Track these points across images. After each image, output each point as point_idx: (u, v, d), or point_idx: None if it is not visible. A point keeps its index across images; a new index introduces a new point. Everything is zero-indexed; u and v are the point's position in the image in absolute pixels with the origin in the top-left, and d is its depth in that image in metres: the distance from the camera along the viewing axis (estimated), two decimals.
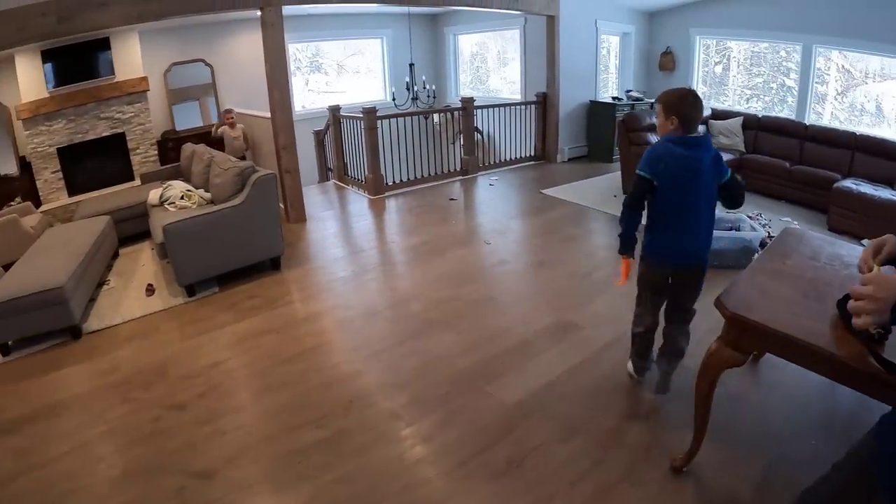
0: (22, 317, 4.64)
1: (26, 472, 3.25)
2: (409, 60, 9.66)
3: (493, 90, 12.29)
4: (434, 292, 5.01)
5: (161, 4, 6.13)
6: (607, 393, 3.37)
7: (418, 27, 12.14)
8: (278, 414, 3.48)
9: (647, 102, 9.92)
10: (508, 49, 11.77)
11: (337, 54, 12.67)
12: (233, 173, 5.68)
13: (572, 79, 9.71)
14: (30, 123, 8.77)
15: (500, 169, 9.67)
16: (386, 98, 11.66)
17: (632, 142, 7.45)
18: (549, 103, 9.73)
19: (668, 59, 10.57)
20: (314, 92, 12.38)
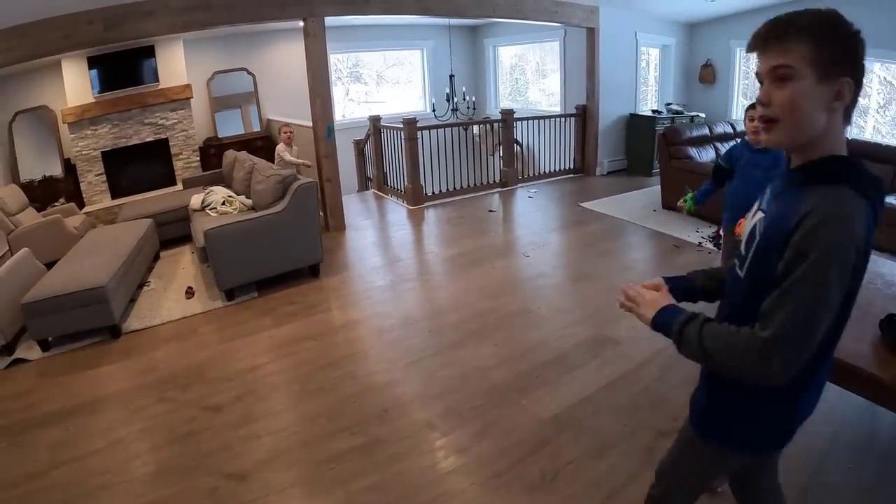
0: (63, 314, 4.76)
1: (61, 465, 3.32)
2: (449, 72, 9.71)
3: (532, 102, 12.25)
4: (472, 303, 5.00)
5: (207, 14, 6.22)
6: (643, 409, 3.33)
7: (458, 38, 12.17)
8: (314, 420, 3.49)
9: (687, 115, 9.83)
10: (547, 61, 11.75)
11: (377, 65, 12.77)
12: (274, 181, 5.74)
13: (612, 91, 9.65)
14: (75, 127, 9.00)
15: (538, 181, 9.64)
16: (426, 109, 11.70)
17: (672, 155, 7.38)
18: (589, 116, 9.67)
19: (708, 71, 10.46)
20: (354, 102, 12.48)
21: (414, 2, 7.22)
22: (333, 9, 6.78)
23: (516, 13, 8.16)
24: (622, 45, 9.71)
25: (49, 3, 5.48)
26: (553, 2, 8.41)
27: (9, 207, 7.06)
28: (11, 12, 5.44)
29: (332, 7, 6.76)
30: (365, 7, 6.97)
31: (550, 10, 8.45)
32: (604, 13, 9.14)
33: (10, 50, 5.74)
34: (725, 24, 9.95)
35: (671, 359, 3.81)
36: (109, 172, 9.40)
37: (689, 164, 7.15)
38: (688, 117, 9.78)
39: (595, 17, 9.12)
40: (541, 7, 8.32)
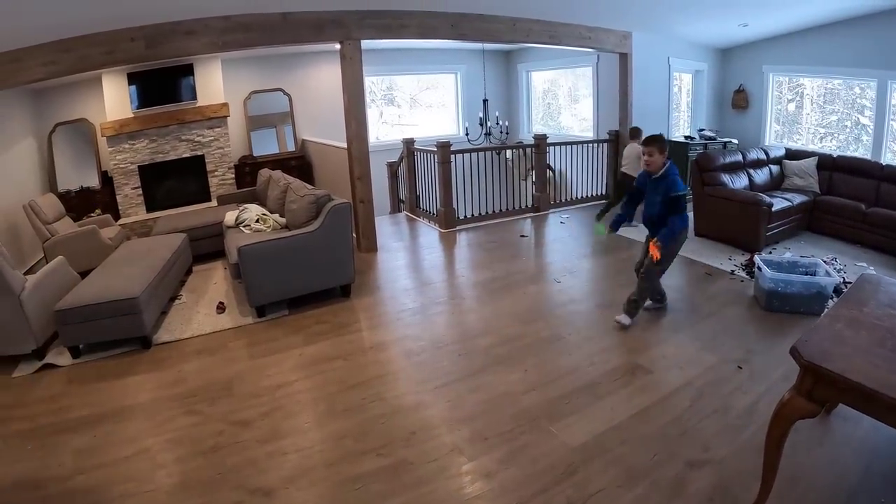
0: (95, 323, 4.84)
1: (86, 471, 3.36)
2: (482, 96, 9.77)
3: (565, 127, 12.24)
4: (502, 328, 4.97)
5: (245, 35, 6.32)
6: (672, 439, 3.27)
7: (492, 63, 12.22)
8: (340, 439, 3.48)
9: (720, 142, 9.73)
10: (580, 86, 11.76)
11: (411, 88, 12.87)
12: (308, 200, 5.78)
13: (645, 117, 9.54)
14: (113, 141, 9.18)
15: (571, 207, 9.60)
16: (458, 132, 11.75)
17: (705, 182, 7.31)
18: (622, 141, 9.59)
19: (741, 96, 10.40)
20: (388, 124, 12.59)
21: (449, 27, 7.27)
22: (370, 32, 6.87)
23: (550, 39, 8.19)
24: (655, 71, 9.69)
25: (93, 20, 5.60)
26: (586, 27, 8.43)
27: (45, 216, 7.20)
28: (56, 27, 5.56)
29: (368, 31, 6.84)
30: (401, 31, 7.05)
31: (584, 35, 8.47)
32: (636, 39, 9.15)
33: (53, 63, 5.86)
34: (758, 49, 9.92)
35: (702, 389, 3.79)
36: (145, 186, 9.56)
37: (722, 191, 7.08)
38: (721, 143, 9.69)
39: (628, 43, 9.13)
40: (574, 33, 8.35)
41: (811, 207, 7.36)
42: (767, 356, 4.18)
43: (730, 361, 4.12)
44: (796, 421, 2.42)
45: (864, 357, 2.23)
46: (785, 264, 5.20)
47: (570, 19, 8.10)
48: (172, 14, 5.92)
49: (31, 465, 3.50)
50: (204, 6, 5.90)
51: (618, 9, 7.64)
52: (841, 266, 6.14)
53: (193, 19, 6.07)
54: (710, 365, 4.10)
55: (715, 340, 4.49)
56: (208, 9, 5.99)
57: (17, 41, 5.62)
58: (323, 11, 6.52)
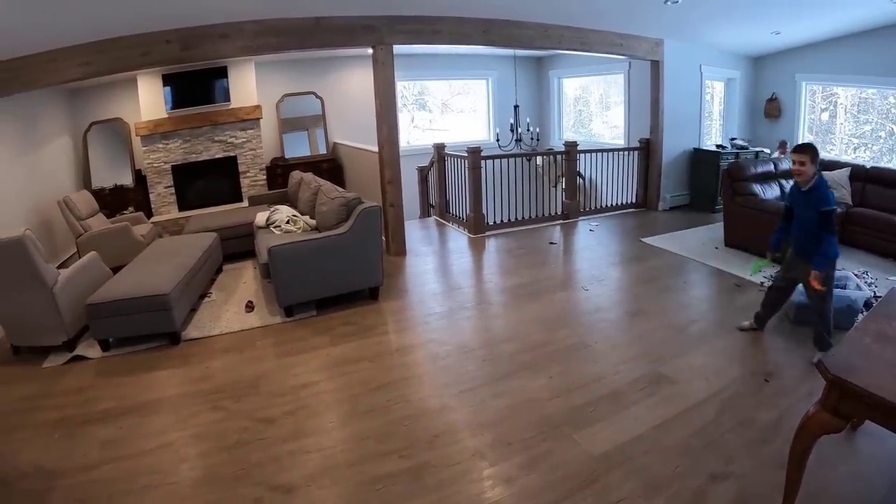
0: (125, 317, 4.94)
1: (111, 462, 3.43)
2: (513, 102, 9.76)
3: (595, 134, 12.18)
4: (528, 335, 4.96)
5: (279, 39, 6.40)
6: (695, 451, 3.24)
7: (523, 69, 12.23)
8: (363, 440, 3.50)
9: (752, 151, 9.65)
10: (611, 93, 11.70)
11: (442, 93, 12.91)
12: (339, 203, 5.84)
13: (676, 125, 9.53)
14: (147, 140, 9.36)
15: (600, 215, 9.55)
16: (489, 138, 11.78)
17: (736, 192, 7.23)
18: (652, 149, 9.57)
19: (773, 105, 10.26)
20: (419, 129, 12.63)
21: (480, 33, 7.28)
22: (402, 38, 6.91)
23: (582, 45, 8.17)
24: (686, 79, 9.61)
25: (129, 22, 5.71)
26: (618, 34, 8.40)
27: (79, 212, 7.33)
28: (93, 28, 5.68)
29: (400, 36, 6.89)
30: (432, 37, 7.08)
31: (615, 42, 8.44)
32: (668, 46, 9.08)
33: (90, 64, 5.99)
34: (791, 57, 9.79)
35: (727, 401, 3.75)
36: (178, 185, 9.72)
37: (753, 202, 6.99)
38: (752, 153, 9.59)
39: (660, 50, 9.07)
40: (606, 40, 8.32)
41: (843, 219, 7.21)
42: (795, 370, 4.13)
43: (756, 374, 4.07)
44: (821, 436, 2.40)
45: (892, 372, 2.21)
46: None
47: (602, 26, 8.08)
48: (207, 17, 6.01)
49: (56, 454, 3.58)
50: (238, 10, 5.98)
51: (650, 16, 7.59)
52: (872, 280, 6.03)
53: (228, 23, 6.17)
54: (736, 377, 4.06)
55: (742, 353, 4.44)
56: (242, 12, 6.06)
57: (55, 42, 5.75)
58: (355, 16, 6.58)
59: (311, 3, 6.13)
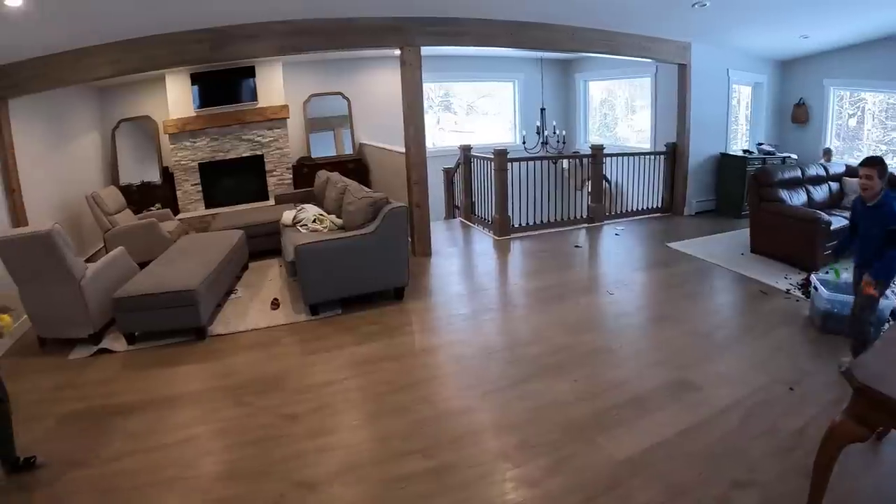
0: (152, 312, 5.02)
1: (135, 454, 3.49)
2: (539, 104, 9.72)
3: (621, 138, 12.11)
4: (552, 338, 4.94)
5: (307, 39, 6.45)
6: (718, 458, 3.21)
7: (549, 72, 12.16)
8: (387, 439, 3.52)
9: (778, 156, 9.52)
10: (637, 96, 11.65)
11: (468, 95, 12.92)
12: (366, 203, 5.86)
13: (702, 129, 9.43)
14: (175, 138, 9.47)
15: (626, 219, 9.51)
16: (515, 141, 11.73)
17: (763, 198, 7.16)
18: (679, 154, 9.49)
19: (801, 110, 10.11)
20: (444, 130, 12.64)
21: (507, 35, 7.29)
22: (429, 39, 6.94)
23: (609, 48, 8.15)
24: (714, 83, 9.51)
25: (160, 21, 5.78)
26: (645, 37, 8.36)
27: (107, 207, 7.43)
28: (125, 27, 5.76)
29: (427, 37, 6.91)
30: (459, 38, 7.11)
31: (643, 45, 8.40)
32: (696, 49, 9.01)
33: (120, 62, 6.07)
34: (819, 61, 9.66)
35: (751, 409, 3.70)
36: (205, 183, 9.81)
37: (780, 208, 6.93)
38: (779, 158, 9.47)
39: (687, 54, 9.00)
40: (633, 43, 8.29)
41: None
42: (820, 379, 4.07)
43: (781, 382, 4.02)
44: (846, 445, 2.38)
45: None
46: (842, 285, 5.06)
47: (630, 29, 8.04)
48: (237, 17, 6.07)
49: (81, 444, 3.64)
50: (268, 11, 6.03)
51: (677, 19, 7.54)
52: None
53: (257, 23, 6.22)
54: (760, 385, 4.01)
55: (767, 360, 4.40)
56: (272, 13, 6.11)
57: (85, 39, 5.83)
58: (383, 18, 6.61)
59: (339, 5, 6.16)
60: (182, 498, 3.08)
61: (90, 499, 3.13)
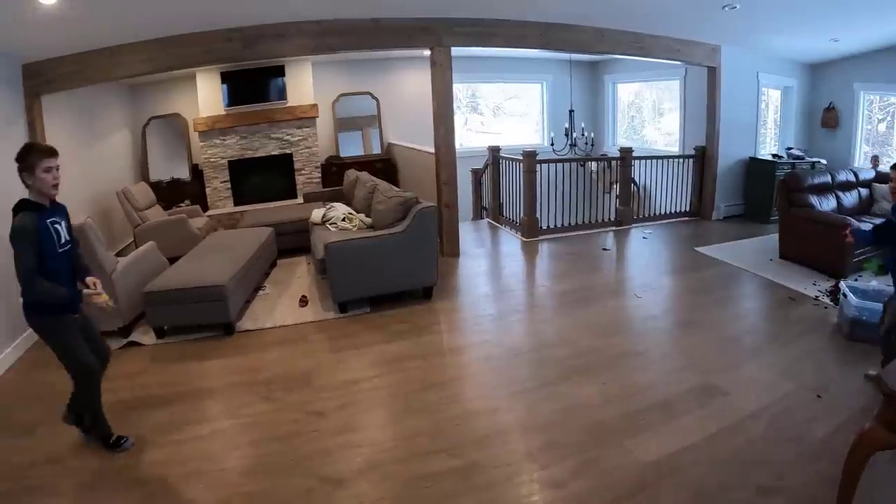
0: (181, 307, 5.09)
1: (163, 446, 3.55)
2: (567, 106, 9.69)
3: (648, 141, 12.07)
4: (579, 340, 4.94)
5: (338, 39, 6.49)
6: (744, 464, 3.18)
7: (578, 73, 12.12)
8: (414, 437, 3.54)
9: (808, 161, 9.41)
10: (665, 99, 11.60)
11: (495, 97, 12.92)
12: (396, 202, 5.90)
13: (731, 133, 9.37)
14: (205, 136, 9.61)
15: (653, 223, 9.46)
16: (542, 142, 11.76)
17: (792, 203, 7.11)
18: (708, 157, 9.42)
19: (830, 115, 9.97)
20: (472, 131, 12.65)
21: (537, 36, 7.29)
22: (459, 39, 6.96)
23: (639, 50, 8.12)
24: (743, 86, 9.43)
25: (192, 20, 5.86)
26: (675, 39, 8.31)
27: (137, 203, 7.54)
28: (156, 26, 5.84)
29: (458, 38, 6.93)
30: (489, 39, 7.12)
31: (672, 48, 8.36)
32: (725, 52, 8.94)
33: (152, 60, 6.17)
34: (849, 65, 9.53)
35: (778, 415, 3.67)
36: (234, 180, 9.94)
37: (809, 213, 6.85)
38: (809, 163, 9.37)
39: (717, 56, 8.93)
40: (663, 45, 8.25)
41: None
42: (847, 387, 4.01)
43: (808, 389, 3.97)
44: (874, 452, 2.36)
45: None
46: (871, 292, 5.00)
47: (660, 31, 8.01)
48: (268, 17, 6.13)
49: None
50: (298, 10, 6.08)
51: (707, 21, 7.48)
52: None
53: (288, 22, 6.28)
54: (787, 392, 3.97)
55: (794, 367, 4.35)
56: (303, 13, 6.17)
57: (118, 38, 5.92)
58: (413, 18, 6.64)
59: (370, 5, 6.20)
60: (209, 491, 3.11)
61: (117, 489, 3.19)
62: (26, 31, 5.14)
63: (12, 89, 5.73)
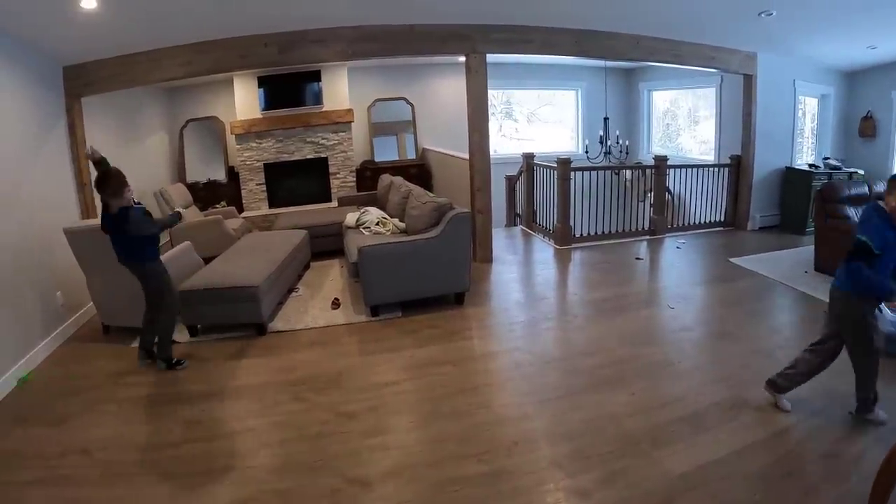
0: (215, 306, 5.18)
1: (193, 441, 3.61)
2: (602, 113, 9.66)
3: (683, 149, 11.94)
4: (611, 349, 4.91)
5: (374, 45, 6.56)
6: (774, 480, 3.14)
7: (613, 80, 12.07)
8: (443, 441, 3.55)
9: (845, 171, 9.21)
10: (700, 107, 11.48)
11: (529, 103, 12.92)
12: (430, 207, 5.93)
13: (767, 142, 9.22)
14: (241, 139, 9.75)
15: (687, 232, 9.36)
16: (577, 150, 11.72)
17: (829, 214, 7.00)
18: (743, 167, 9.30)
19: (868, 124, 9.75)
20: (506, 137, 12.67)
21: (572, 43, 7.28)
22: (494, 46, 6.98)
23: (674, 58, 8.07)
24: (779, 94, 9.27)
25: (230, 25, 5.97)
26: (711, 47, 8.24)
27: (174, 203, 7.67)
28: (196, 30, 5.97)
29: (493, 44, 6.96)
30: (524, 46, 7.14)
31: (708, 55, 8.28)
32: (762, 60, 8.82)
33: (190, 64, 6.29)
34: (887, 73, 9.31)
35: (809, 431, 3.62)
36: (269, 183, 10.07)
37: (846, 225, 6.72)
38: (846, 173, 9.17)
39: (753, 64, 8.82)
40: (699, 52, 8.18)
41: None
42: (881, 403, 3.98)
43: (840, 406, 3.88)
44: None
45: None
46: None
47: (695, 38, 7.94)
48: (305, 23, 6.21)
49: (140, 429, 3.83)
50: (335, 16, 6.17)
51: (743, 28, 7.37)
52: None
53: (324, 28, 6.36)
54: (819, 408, 3.90)
55: (828, 383, 4.20)
56: (339, 19, 6.25)
57: (158, 42, 6.06)
58: (449, 25, 6.68)
59: (406, 11, 6.24)
60: (237, 487, 3.16)
61: (146, 482, 3.26)
62: (67, 34, 5.30)
63: (53, 91, 5.88)
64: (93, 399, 4.28)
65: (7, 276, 4.51)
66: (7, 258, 4.63)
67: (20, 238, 4.91)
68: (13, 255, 4.65)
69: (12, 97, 5.13)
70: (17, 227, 4.93)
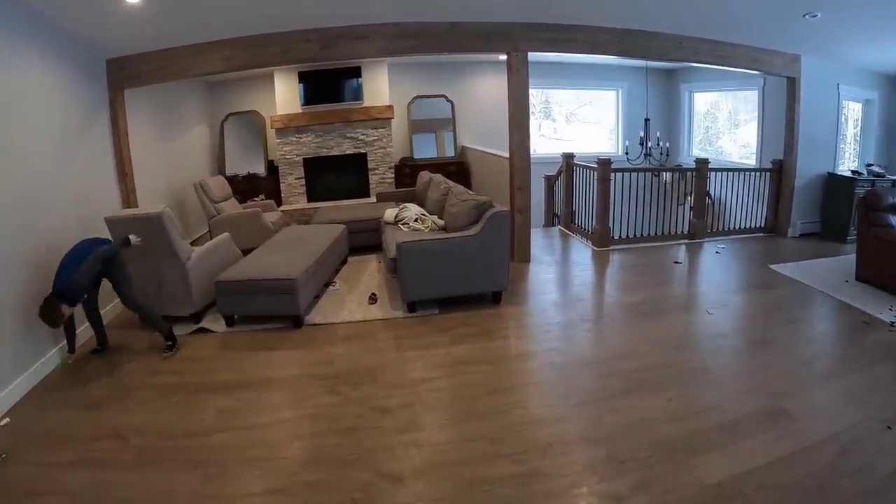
0: (252, 297, 5.26)
1: (226, 430, 3.67)
2: (642, 114, 9.60)
3: (723, 153, 11.79)
4: (648, 354, 4.86)
5: (415, 42, 6.58)
6: (809, 493, 3.08)
7: (654, 81, 11.94)
8: (476, 440, 3.55)
9: (889, 179, 8.97)
10: (740, 110, 11.31)
11: (569, 103, 12.89)
12: (470, 205, 5.93)
13: (809, 147, 9.02)
14: (281, 133, 9.88)
15: (727, 237, 9.22)
16: (617, 151, 11.65)
17: (872, 223, 6.86)
18: (785, 172, 9.12)
19: None
20: (545, 137, 12.64)
21: (616, 43, 7.23)
22: (537, 45, 6.97)
23: (717, 59, 7.96)
24: (823, 98, 9.06)
25: (273, 21, 6.03)
26: (754, 48, 8.11)
27: (213, 195, 7.79)
28: (238, 25, 6.06)
29: (535, 43, 6.94)
30: (567, 45, 7.10)
31: (751, 57, 8.16)
32: (805, 62, 8.64)
33: (232, 58, 6.38)
34: None
35: (846, 445, 3.53)
36: (308, 177, 10.21)
37: (889, 234, 6.58)
38: (890, 181, 8.93)
39: (796, 67, 8.65)
40: (741, 54, 8.06)
41: None
42: None
43: (878, 420, 3.79)
44: None
45: None
46: None
47: (738, 40, 7.83)
48: (346, 18, 6.27)
49: (173, 416, 3.88)
50: (376, 13, 6.20)
51: (787, 30, 7.24)
52: None
53: (366, 24, 6.41)
54: (856, 421, 3.80)
55: (865, 395, 4.15)
56: (381, 15, 6.29)
57: (202, 35, 6.15)
58: (491, 23, 6.68)
59: (448, 9, 6.26)
60: (268, 478, 3.20)
61: (176, 468, 3.33)
62: (111, 27, 5.40)
63: (96, 83, 6.00)
64: (129, 385, 4.39)
65: (54, 260, 4.57)
66: (52, 246, 4.71)
67: (62, 228, 5.00)
68: (58, 244, 4.72)
69: (58, 88, 5.24)
70: (58, 219, 5.03)
